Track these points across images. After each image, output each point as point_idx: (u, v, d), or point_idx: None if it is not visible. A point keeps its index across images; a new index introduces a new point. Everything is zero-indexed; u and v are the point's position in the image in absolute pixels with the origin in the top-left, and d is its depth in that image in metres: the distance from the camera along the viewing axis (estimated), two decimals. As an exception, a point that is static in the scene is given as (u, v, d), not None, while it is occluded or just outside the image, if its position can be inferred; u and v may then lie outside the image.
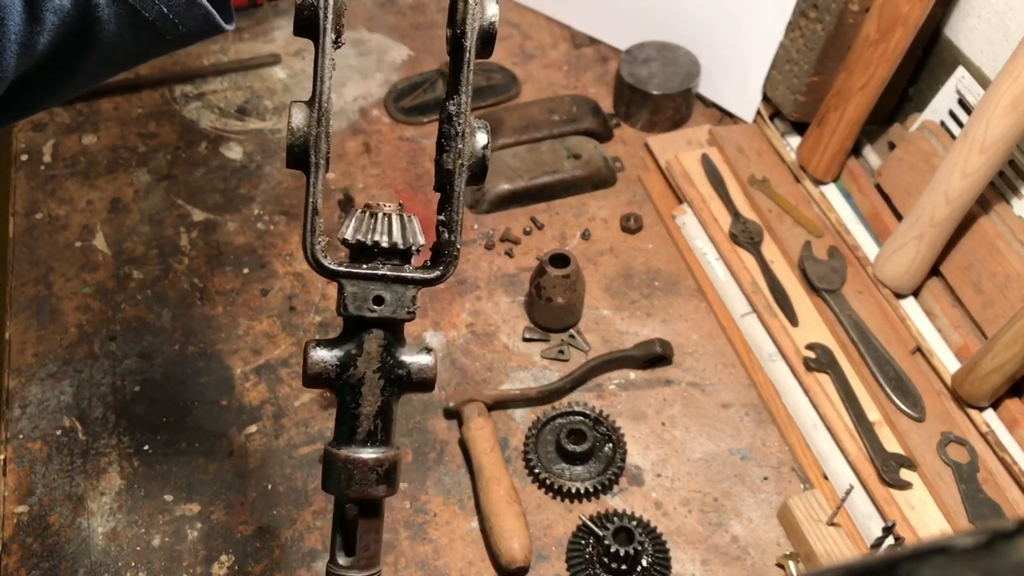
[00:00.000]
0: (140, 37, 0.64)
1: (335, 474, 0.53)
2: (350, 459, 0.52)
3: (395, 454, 0.54)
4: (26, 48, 0.60)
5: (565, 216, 1.26)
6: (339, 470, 0.53)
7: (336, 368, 0.53)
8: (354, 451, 0.52)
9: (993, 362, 0.96)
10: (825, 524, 0.93)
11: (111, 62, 0.67)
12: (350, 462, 0.52)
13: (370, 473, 0.52)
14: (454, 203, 0.53)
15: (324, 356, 0.53)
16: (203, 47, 1.46)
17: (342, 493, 0.53)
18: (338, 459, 0.53)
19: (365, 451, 0.52)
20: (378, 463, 0.52)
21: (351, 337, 0.53)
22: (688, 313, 1.16)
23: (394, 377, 0.53)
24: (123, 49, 0.65)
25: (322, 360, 0.53)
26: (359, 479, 0.52)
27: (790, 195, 1.23)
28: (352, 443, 0.53)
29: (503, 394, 1.05)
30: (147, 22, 0.63)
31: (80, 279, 1.16)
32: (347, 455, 0.52)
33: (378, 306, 0.52)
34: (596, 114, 1.35)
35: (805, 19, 1.21)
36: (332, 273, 0.53)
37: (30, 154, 1.30)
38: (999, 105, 0.96)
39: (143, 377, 1.07)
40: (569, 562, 0.93)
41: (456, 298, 1.16)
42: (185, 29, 0.65)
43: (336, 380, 0.53)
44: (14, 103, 0.65)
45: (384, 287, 0.52)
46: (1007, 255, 1.03)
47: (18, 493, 0.98)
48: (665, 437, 1.04)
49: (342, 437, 0.54)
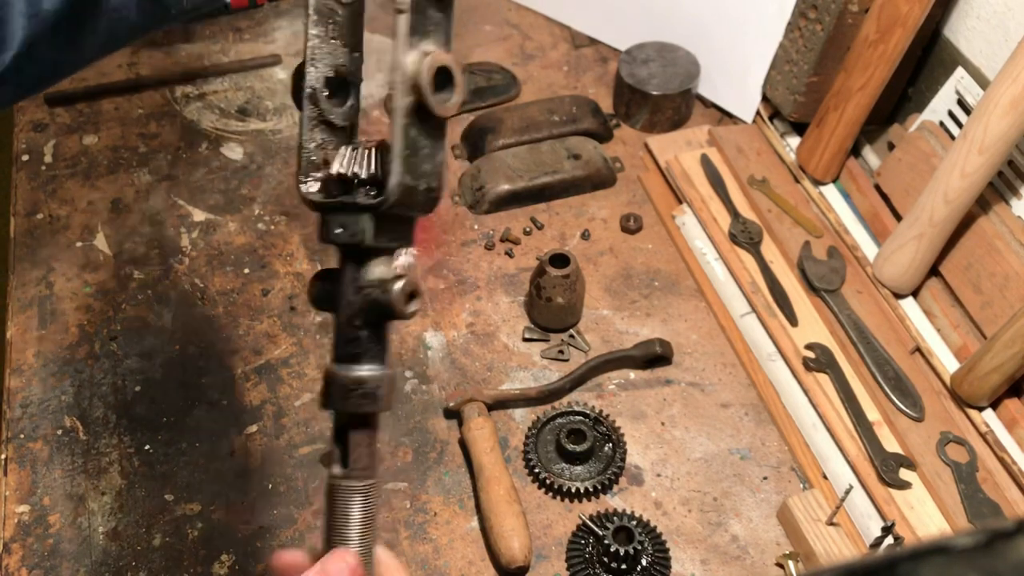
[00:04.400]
0: (144, 8, 0.66)
1: (330, 390, 0.57)
2: (339, 376, 0.56)
3: (381, 373, 0.57)
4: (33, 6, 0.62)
5: (565, 216, 1.26)
6: (332, 386, 0.57)
7: (327, 292, 0.58)
8: (343, 369, 0.56)
9: (992, 362, 0.96)
10: (824, 524, 0.93)
11: (115, 33, 0.68)
12: (340, 379, 0.56)
13: (357, 389, 0.56)
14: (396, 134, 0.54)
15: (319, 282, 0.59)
16: (204, 47, 1.46)
17: (334, 407, 0.57)
18: (331, 376, 0.57)
19: (353, 369, 0.56)
20: (362, 380, 0.56)
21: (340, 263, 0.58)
22: (688, 313, 1.16)
23: (368, 300, 0.56)
24: (127, 20, 0.66)
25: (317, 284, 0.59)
26: (347, 395, 0.56)
27: (789, 195, 1.23)
28: (341, 361, 0.57)
29: (503, 394, 1.05)
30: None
31: (81, 279, 1.16)
32: (337, 372, 0.56)
33: (341, 231, 0.55)
34: (596, 114, 1.36)
35: (804, 19, 1.21)
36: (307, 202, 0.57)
37: (31, 154, 1.30)
38: (998, 105, 0.96)
39: (144, 377, 1.07)
40: (569, 562, 0.93)
41: (456, 298, 1.17)
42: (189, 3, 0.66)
43: (327, 302, 0.58)
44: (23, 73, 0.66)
45: (343, 215, 0.56)
46: (1006, 255, 1.03)
47: (19, 493, 0.98)
48: (665, 437, 1.04)
49: (336, 356, 0.57)
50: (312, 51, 0.57)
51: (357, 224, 0.55)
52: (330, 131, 0.58)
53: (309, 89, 0.57)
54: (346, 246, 0.56)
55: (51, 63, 0.67)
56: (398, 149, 0.53)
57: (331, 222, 0.56)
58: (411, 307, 0.56)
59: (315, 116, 0.57)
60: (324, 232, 0.56)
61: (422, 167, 0.54)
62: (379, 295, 0.55)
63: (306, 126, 0.57)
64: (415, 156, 0.54)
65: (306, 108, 0.57)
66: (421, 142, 0.54)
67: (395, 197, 0.53)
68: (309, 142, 0.57)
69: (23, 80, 0.66)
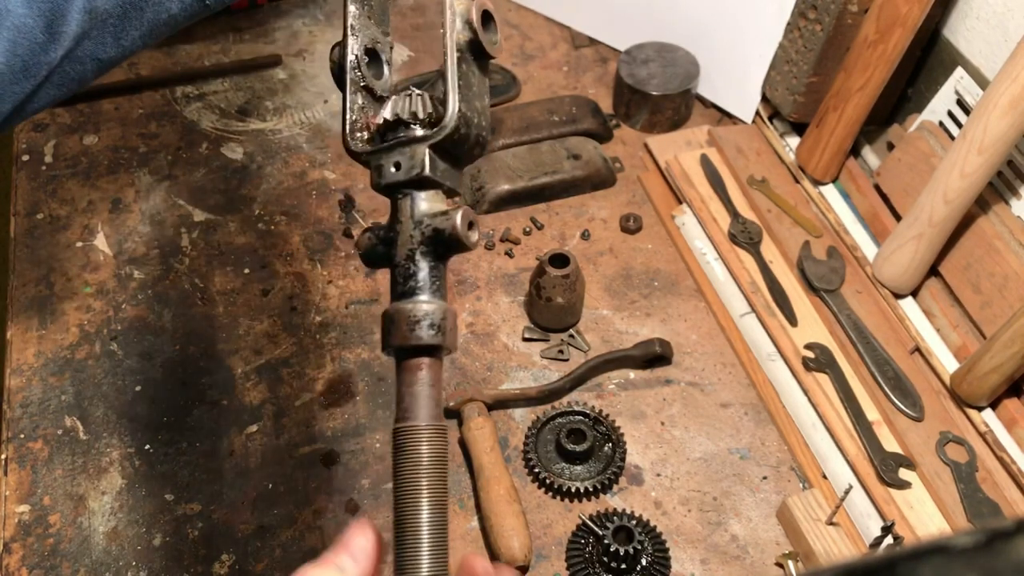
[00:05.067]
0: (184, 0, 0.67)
1: (391, 328, 0.56)
2: (403, 309, 0.55)
3: (445, 305, 0.56)
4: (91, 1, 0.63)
5: (565, 216, 1.26)
6: (394, 323, 0.56)
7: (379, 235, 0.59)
8: (396, 304, 0.56)
9: (992, 362, 0.96)
10: (824, 523, 0.93)
11: (155, 25, 0.68)
12: (403, 312, 0.55)
13: (422, 320, 0.55)
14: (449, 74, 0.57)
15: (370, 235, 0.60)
16: (204, 47, 1.46)
17: (397, 344, 0.56)
18: (393, 313, 0.56)
19: (415, 301, 0.56)
20: (427, 312, 0.55)
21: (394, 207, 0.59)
22: (687, 313, 1.16)
23: (427, 234, 0.56)
24: (168, 11, 0.67)
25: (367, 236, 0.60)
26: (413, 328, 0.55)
27: (789, 195, 1.23)
28: (401, 299, 0.56)
29: (503, 394, 1.05)
30: None
31: (81, 279, 1.16)
32: (400, 307, 0.56)
33: (397, 171, 0.57)
34: (596, 115, 1.36)
35: (804, 20, 1.21)
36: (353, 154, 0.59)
37: (31, 154, 1.30)
38: (997, 106, 0.96)
39: (144, 377, 1.08)
40: (569, 561, 0.93)
41: (456, 298, 1.17)
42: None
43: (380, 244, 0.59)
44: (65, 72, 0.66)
45: (399, 153, 0.57)
46: (1005, 255, 1.03)
47: (19, 492, 0.98)
48: (664, 437, 1.05)
49: (395, 296, 0.57)
50: (352, 21, 0.60)
51: (414, 159, 0.56)
52: (370, 96, 0.61)
53: (352, 56, 0.60)
54: (403, 184, 0.57)
55: (94, 60, 0.67)
56: (453, 81, 0.55)
57: (385, 165, 0.57)
58: (473, 235, 0.56)
59: (357, 80, 0.60)
60: (378, 178, 0.58)
61: (474, 102, 0.57)
62: (441, 223, 0.56)
63: (349, 90, 0.60)
64: (468, 90, 0.56)
65: (350, 73, 0.60)
66: (472, 78, 0.57)
67: (454, 123, 0.55)
68: (353, 104, 0.60)
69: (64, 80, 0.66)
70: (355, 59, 0.61)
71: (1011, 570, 0.27)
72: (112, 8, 0.64)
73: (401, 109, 0.58)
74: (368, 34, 0.61)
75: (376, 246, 0.59)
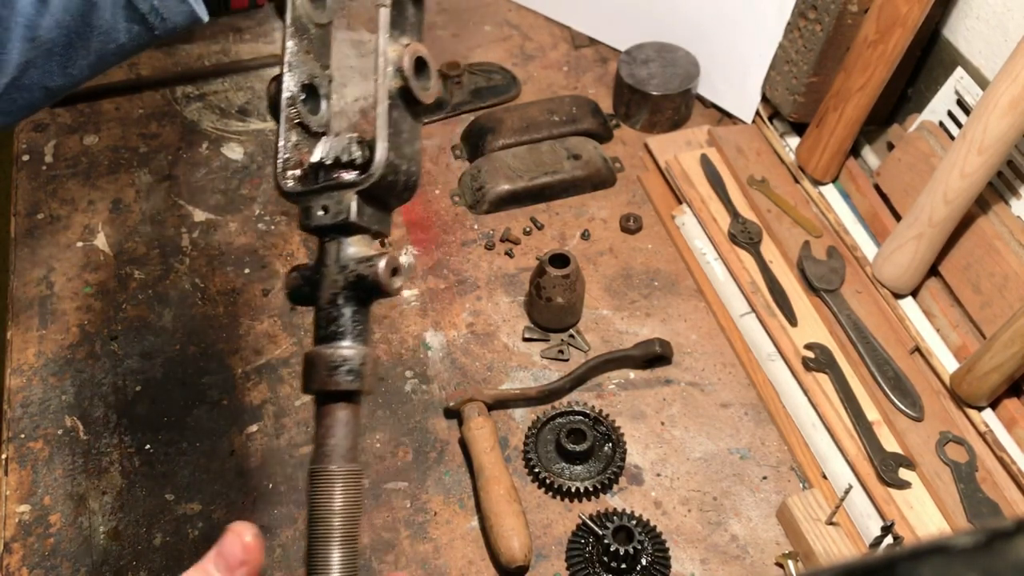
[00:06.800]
0: (131, 30, 0.67)
1: (312, 371, 0.57)
2: (322, 354, 0.56)
3: (365, 351, 0.57)
4: (32, 31, 0.63)
5: (565, 216, 1.26)
6: (314, 366, 0.57)
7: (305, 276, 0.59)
8: (326, 348, 0.56)
9: (991, 362, 0.96)
10: (824, 523, 0.93)
11: (103, 55, 0.69)
12: (323, 357, 0.56)
13: (341, 366, 0.55)
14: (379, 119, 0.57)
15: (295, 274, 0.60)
16: (204, 48, 1.46)
17: (317, 388, 0.57)
18: (313, 356, 0.57)
19: (336, 346, 0.56)
20: (346, 358, 0.56)
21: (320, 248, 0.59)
22: (687, 313, 1.16)
23: (351, 280, 0.56)
24: (115, 41, 0.67)
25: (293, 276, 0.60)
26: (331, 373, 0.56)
27: (789, 195, 1.23)
28: (323, 342, 0.57)
29: (503, 394, 1.05)
30: (139, 14, 0.66)
31: (82, 279, 1.16)
32: (320, 351, 0.56)
33: (324, 214, 0.57)
34: (596, 115, 1.36)
35: (804, 20, 1.21)
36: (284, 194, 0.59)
37: (32, 154, 1.30)
38: (997, 106, 0.96)
39: (144, 377, 1.08)
40: (569, 561, 0.93)
41: (456, 298, 1.17)
42: (171, 22, 0.68)
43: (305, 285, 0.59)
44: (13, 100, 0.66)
45: (327, 196, 0.57)
46: (1005, 255, 1.03)
47: (20, 492, 0.98)
48: (664, 436, 1.05)
49: (317, 339, 0.58)
50: (289, 58, 0.60)
51: (341, 203, 0.56)
52: (305, 134, 0.60)
53: (288, 92, 0.60)
54: (329, 227, 0.57)
55: (41, 89, 0.67)
56: (382, 128, 0.55)
57: (313, 207, 0.57)
58: (396, 282, 0.57)
59: (292, 118, 0.60)
60: (306, 219, 0.58)
61: (404, 148, 0.57)
62: (364, 270, 0.56)
63: (284, 127, 0.60)
64: (398, 136, 0.56)
65: (284, 110, 0.60)
66: (403, 124, 0.57)
67: (381, 170, 0.55)
68: (287, 142, 0.59)
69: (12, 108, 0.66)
70: (291, 95, 0.60)
71: (1011, 570, 0.27)
72: (57, 37, 0.64)
73: (332, 152, 0.59)
74: (306, 70, 0.61)
75: (302, 286, 0.59)
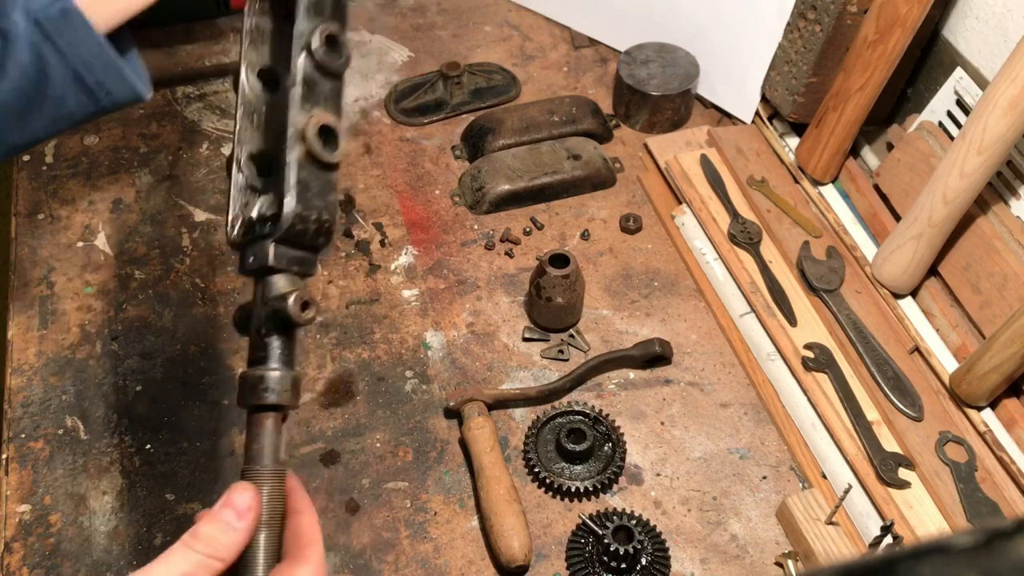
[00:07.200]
0: (80, 100, 0.73)
1: (240, 388, 0.66)
2: (249, 376, 0.65)
3: (286, 373, 0.66)
4: None
5: (565, 216, 1.26)
6: (244, 385, 0.66)
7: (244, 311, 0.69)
8: (253, 370, 0.66)
9: (991, 362, 0.97)
10: (824, 523, 0.93)
11: (57, 119, 0.75)
12: (249, 378, 0.65)
13: (263, 385, 0.65)
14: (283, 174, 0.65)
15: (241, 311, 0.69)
16: (204, 47, 1.46)
17: (245, 404, 0.66)
18: (242, 377, 0.66)
19: (261, 370, 0.65)
20: (268, 378, 0.65)
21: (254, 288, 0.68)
22: (687, 313, 1.16)
23: (270, 314, 0.66)
24: (66, 108, 0.74)
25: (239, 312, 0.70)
26: (254, 391, 0.65)
27: (789, 195, 1.23)
28: (252, 365, 0.66)
29: (503, 393, 1.05)
30: (87, 87, 0.72)
31: (82, 279, 1.16)
32: (248, 373, 0.66)
33: (252, 261, 0.66)
34: (596, 115, 1.36)
35: (803, 20, 1.21)
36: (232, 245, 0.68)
37: (32, 155, 1.30)
38: (997, 106, 0.96)
39: (145, 377, 1.08)
40: (569, 561, 0.93)
41: (456, 298, 1.17)
42: (115, 96, 0.74)
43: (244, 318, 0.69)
44: None
45: (254, 246, 0.66)
46: (1005, 255, 1.03)
47: (20, 492, 0.98)
48: (664, 436, 1.05)
49: (249, 362, 0.67)
50: (240, 134, 0.68)
51: (262, 251, 0.65)
52: (254, 194, 0.69)
53: (237, 162, 0.69)
54: (256, 271, 0.66)
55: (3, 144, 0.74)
56: (290, 187, 0.64)
57: (246, 255, 0.67)
58: (307, 314, 0.64)
59: (242, 183, 0.68)
60: (241, 265, 0.68)
61: (313, 201, 0.65)
62: (279, 305, 0.64)
63: (235, 188, 0.68)
64: (306, 192, 0.64)
65: (235, 177, 0.68)
66: (313, 182, 0.65)
67: (289, 222, 0.64)
68: (236, 202, 0.68)
69: None
70: (239, 163, 0.69)
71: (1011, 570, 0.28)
72: (13, 103, 0.71)
73: (260, 208, 0.68)
74: (255, 142, 0.69)
75: (242, 319, 0.69)
